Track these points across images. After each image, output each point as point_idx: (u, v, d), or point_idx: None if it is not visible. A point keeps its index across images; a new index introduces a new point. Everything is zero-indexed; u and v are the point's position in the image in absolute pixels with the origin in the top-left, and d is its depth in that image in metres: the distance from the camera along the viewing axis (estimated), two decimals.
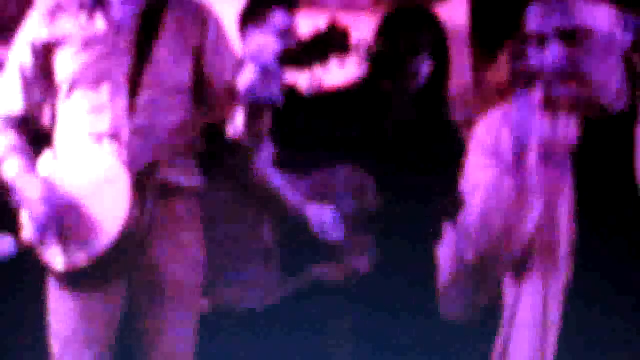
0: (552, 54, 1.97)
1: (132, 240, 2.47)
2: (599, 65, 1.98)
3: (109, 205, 2.46)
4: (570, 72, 1.97)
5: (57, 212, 2.47)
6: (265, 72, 2.37)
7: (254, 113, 2.50)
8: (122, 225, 2.44)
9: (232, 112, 2.53)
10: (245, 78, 2.39)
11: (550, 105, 2.03)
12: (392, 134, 3.05)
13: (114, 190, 2.46)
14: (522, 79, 3.42)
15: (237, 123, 2.52)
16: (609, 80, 2.00)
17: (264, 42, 3.03)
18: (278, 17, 3.11)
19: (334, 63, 2.37)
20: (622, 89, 2.02)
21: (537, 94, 2.02)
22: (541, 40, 1.98)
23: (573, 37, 1.95)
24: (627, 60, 2.04)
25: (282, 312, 2.84)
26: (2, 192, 2.56)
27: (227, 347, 2.82)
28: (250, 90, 2.39)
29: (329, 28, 2.30)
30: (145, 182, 2.48)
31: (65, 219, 2.48)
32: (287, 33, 3.09)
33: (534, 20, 1.99)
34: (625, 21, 1.99)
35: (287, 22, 3.13)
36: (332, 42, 2.29)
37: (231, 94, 2.48)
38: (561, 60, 1.96)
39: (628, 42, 2.00)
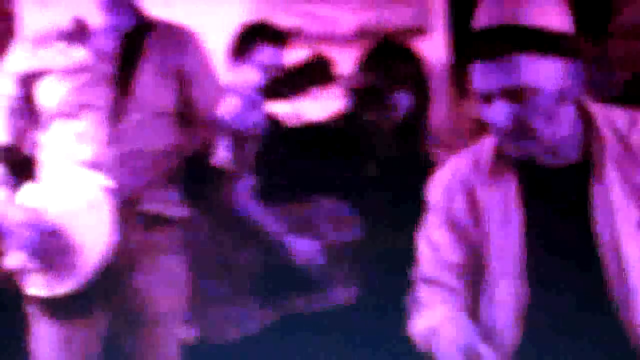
0: (498, 112, 1.93)
1: (115, 268, 2.47)
2: (547, 120, 1.95)
3: (92, 233, 2.46)
4: (518, 129, 1.94)
5: (40, 239, 2.47)
6: (247, 102, 2.39)
7: (238, 141, 2.51)
8: (105, 253, 2.44)
9: (215, 139, 2.54)
10: (228, 107, 2.40)
11: (501, 159, 2.05)
12: (373, 167, 3.06)
13: (97, 218, 2.46)
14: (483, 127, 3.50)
15: (221, 150, 2.53)
16: (559, 132, 1.98)
17: (249, 76, 3.06)
18: (266, 53, 3.14)
19: (316, 93, 2.40)
20: (575, 139, 2.01)
21: (488, 147, 2.06)
22: (487, 97, 1.95)
23: (518, 94, 1.91)
24: (580, 108, 2.03)
25: (263, 342, 2.84)
26: None
27: None
28: (233, 119, 2.41)
29: (312, 58, 2.32)
30: (128, 211, 2.48)
31: (48, 246, 2.47)
32: (273, 68, 3.12)
33: (479, 78, 1.96)
34: (573, 69, 1.95)
35: (275, 59, 3.15)
36: (316, 73, 2.31)
37: (214, 121, 2.49)
38: (507, 118, 1.93)
39: (576, 90, 1.97)
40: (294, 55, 4.66)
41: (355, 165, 3.06)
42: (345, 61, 3.16)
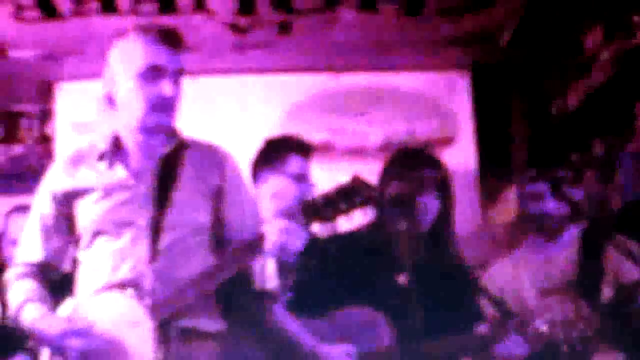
0: None
1: None
2: None
3: (134, 350, 2.45)
4: None
5: (80, 355, 2.45)
6: (291, 230, 2.43)
7: (283, 266, 2.54)
8: None
9: (254, 261, 2.57)
10: (272, 235, 2.44)
11: None
12: (404, 275, 3.06)
13: (137, 335, 2.45)
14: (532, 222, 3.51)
15: (267, 274, 2.56)
16: None
17: (282, 186, 3.11)
18: (293, 163, 3.21)
19: (354, 215, 2.45)
20: None
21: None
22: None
23: None
24: None
25: None
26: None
27: None
28: (280, 247, 2.45)
29: (352, 182, 2.38)
30: (168, 328, 2.48)
31: (95, 348, 2.46)
32: (302, 177, 3.19)
33: None
34: None
35: (302, 168, 3.22)
36: (357, 196, 2.36)
37: (251, 243, 2.53)
38: None
39: None
40: (326, 170, 4.79)
41: (387, 274, 3.06)
42: (372, 172, 3.21)
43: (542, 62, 4.70)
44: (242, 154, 3.17)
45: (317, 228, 2.94)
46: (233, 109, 4.77)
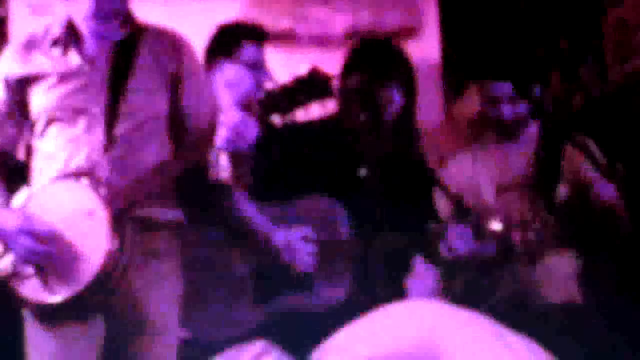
0: None
1: (112, 274, 2.45)
2: None
3: (88, 240, 2.45)
4: None
5: (35, 245, 2.45)
6: (244, 122, 2.40)
7: (236, 159, 2.52)
8: (102, 259, 2.43)
9: (210, 153, 2.55)
10: (226, 126, 2.42)
11: None
12: (366, 167, 3.07)
13: (92, 225, 2.45)
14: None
15: (219, 166, 2.54)
16: None
17: (237, 74, 3.07)
18: (248, 50, 3.14)
19: (314, 107, 2.42)
20: None
21: None
22: None
23: None
24: None
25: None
26: None
27: None
28: (233, 139, 2.42)
29: (310, 74, 2.34)
30: (124, 217, 2.48)
31: (44, 252, 2.46)
32: (257, 65, 3.14)
33: None
34: None
35: (257, 55, 3.16)
36: (314, 88, 2.33)
37: (209, 132, 2.50)
38: None
39: None
40: (285, 59, 4.72)
41: (347, 166, 3.07)
42: (335, 63, 3.18)
43: None
44: (201, 42, 3.12)
45: (275, 119, 2.92)
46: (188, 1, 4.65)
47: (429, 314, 2.39)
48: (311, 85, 2.35)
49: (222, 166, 2.58)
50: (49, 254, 2.46)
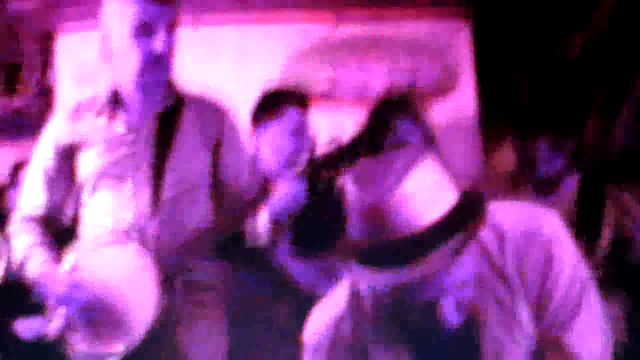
0: None
1: (162, 333, 2.50)
2: None
3: (138, 300, 2.49)
4: None
5: (85, 306, 2.49)
6: (295, 193, 2.45)
7: (277, 224, 2.56)
8: (152, 318, 2.47)
9: (250, 216, 2.59)
10: (280, 197, 2.47)
11: None
12: None
13: (141, 285, 2.50)
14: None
15: (258, 230, 2.58)
16: None
17: (280, 139, 3.12)
18: (291, 116, 3.20)
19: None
20: None
21: None
22: None
23: None
24: None
25: None
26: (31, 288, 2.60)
27: None
28: (284, 209, 2.47)
29: (362, 131, 2.38)
30: (173, 277, 2.53)
31: (95, 312, 2.49)
32: (299, 131, 3.18)
33: None
34: None
35: (299, 121, 3.21)
36: (365, 145, 2.37)
37: (247, 195, 2.54)
38: None
39: None
40: (328, 119, 4.79)
41: None
42: None
43: (544, 9, 4.67)
44: (243, 104, 3.19)
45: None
46: (234, 59, 4.76)
47: None
48: (363, 143, 2.39)
49: (260, 233, 2.61)
50: (98, 309, 2.49)
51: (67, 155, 2.68)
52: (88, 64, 4.40)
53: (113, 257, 2.56)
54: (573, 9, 4.50)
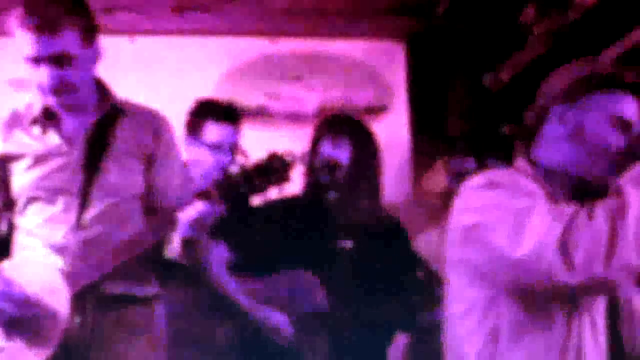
0: None
1: (73, 349, 2.46)
2: None
3: (51, 315, 2.44)
4: None
5: (13, 309, 2.44)
6: (201, 211, 2.44)
7: (189, 242, 2.54)
8: (61, 334, 2.42)
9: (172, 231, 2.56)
10: (183, 219, 2.46)
11: None
12: (348, 239, 3.08)
13: (56, 301, 2.45)
14: None
15: (173, 245, 2.56)
16: None
17: (199, 154, 3.11)
18: (210, 130, 3.17)
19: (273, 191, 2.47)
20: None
21: None
22: None
23: None
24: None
25: None
26: None
27: None
28: (190, 229, 2.46)
29: (269, 159, 2.39)
30: (87, 294, 2.49)
31: (20, 316, 2.45)
32: (219, 146, 3.15)
33: None
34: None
35: (220, 136, 3.17)
36: (272, 174, 2.38)
37: (170, 214, 2.53)
38: None
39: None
40: (262, 135, 4.79)
41: (324, 238, 3.09)
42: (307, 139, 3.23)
43: (477, 34, 4.76)
44: (178, 117, 3.16)
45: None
46: (170, 70, 4.74)
47: None
48: (270, 171, 2.40)
49: (173, 247, 2.59)
50: (24, 316, 2.45)
51: (1, 167, 2.63)
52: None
53: (33, 272, 2.51)
54: (501, 41, 4.60)
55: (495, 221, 1.88)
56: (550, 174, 2.02)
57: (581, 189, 2.01)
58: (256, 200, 2.69)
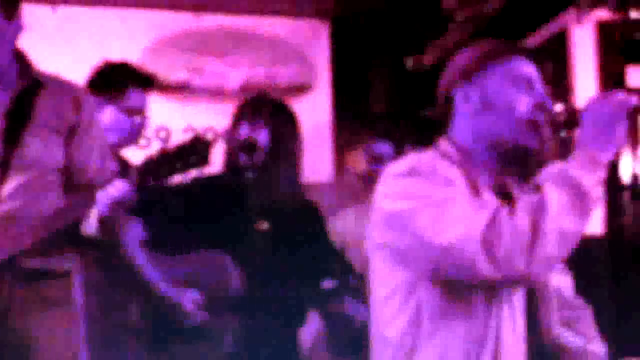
0: None
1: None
2: None
3: None
4: None
5: None
6: (118, 188, 2.44)
7: (106, 221, 2.53)
8: None
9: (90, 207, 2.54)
10: (104, 197, 2.45)
11: None
12: (263, 219, 3.08)
13: None
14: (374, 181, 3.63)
15: (91, 221, 2.55)
16: None
17: (116, 118, 3.09)
18: (132, 96, 3.14)
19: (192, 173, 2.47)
20: None
21: None
22: None
23: None
24: None
25: None
26: None
27: None
28: (107, 207, 2.45)
29: (192, 141, 2.39)
30: (4, 269, 2.45)
31: None
32: (138, 111, 3.15)
33: None
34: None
35: (140, 101, 3.16)
36: (193, 156, 2.38)
37: (100, 185, 2.51)
38: None
39: None
40: (184, 110, 4.77)
41: (240, 219, 3.10)
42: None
43: (401, 18, 4.81)
44: None
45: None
46: (93, 42, 4.68)
47: None
48: (191, 153, 2.40)
49: (90, 223, 2.58)
50: None
51: None
52: None
53: None
54: (424, 26, 4.67)
55: (416, 210, 1.92)
56: (471, 153, 2.07)
57: (506, 159, 2.06)
58: (175, 179, 2.68)
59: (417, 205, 1.93)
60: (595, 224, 4.04)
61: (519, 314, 2.01)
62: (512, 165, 2.05)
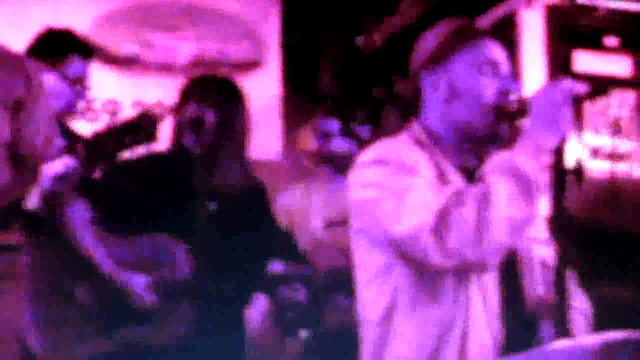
0: None
1: None
2: None
3: None
4: None
5: None
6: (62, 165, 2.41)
7: (50, 197, 2.51)
8: None
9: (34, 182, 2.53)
10: (49, 173, 2.42)
11: None
12: (211, 201, 3.06)
13: None
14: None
15: (33, 196, 2.51)
16: None
17: (57, 86, 3.05)
18: (75, 65, 3.11)
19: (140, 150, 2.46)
20: None
21: None
22: None
23: None
24: None
25: None
26: None
27: None
28: (52, 184, 2.43)
29: (140, 117, 2.38)
30: None
31: None
32: (79, 81, 3.12)
33: None
34: None
35: (83, 70, 3.13)
36: (141, 132, 2.37)
37: (46, 160, 2.49)
38: None
39: None
40: (133, 84, 4.74)
41: (186, 200, 3.06)
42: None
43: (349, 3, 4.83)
44: None
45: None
46: (41, 13, 4.61)
47: None
48: (138, 129, 2.38)
49: (32, 196, 2.55)
50: None
51: None
52: None
53: None
54: (374, 4, 4.68)
55: (380, 199, 1.97)
56: (442, 137, 2.10)
57: (475, 143, 2.10)
58: (122, 157, 2.65)
59: (380, 195, 1.97)
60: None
61: (492, 292, 2.03)
62: (481, 148, 2.09)
